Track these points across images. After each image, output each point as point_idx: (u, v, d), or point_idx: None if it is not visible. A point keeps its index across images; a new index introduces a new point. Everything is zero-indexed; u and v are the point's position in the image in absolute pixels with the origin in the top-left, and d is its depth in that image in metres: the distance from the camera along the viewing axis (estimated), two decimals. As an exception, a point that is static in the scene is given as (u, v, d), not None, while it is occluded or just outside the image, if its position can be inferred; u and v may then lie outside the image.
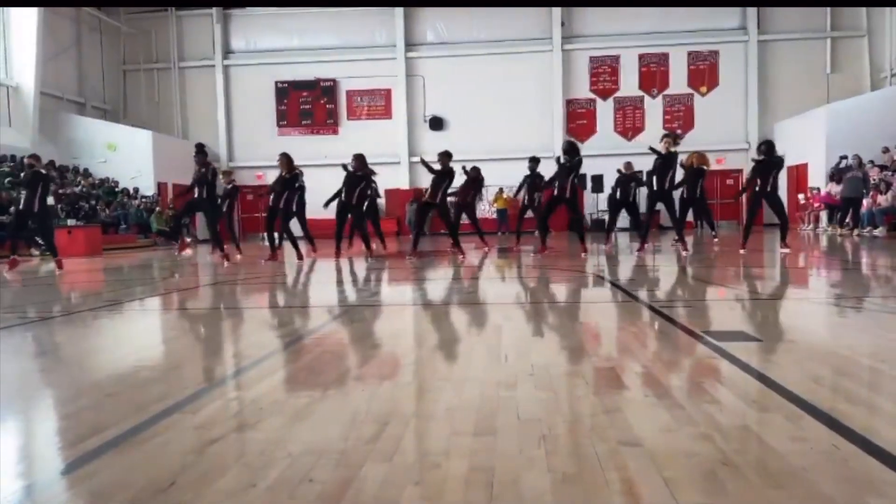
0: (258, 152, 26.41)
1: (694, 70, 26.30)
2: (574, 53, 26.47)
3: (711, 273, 8.16)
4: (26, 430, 2.51)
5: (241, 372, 3.33)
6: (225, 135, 27.58)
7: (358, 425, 2.27)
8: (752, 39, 25.82)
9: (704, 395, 2.53)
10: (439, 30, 26.82)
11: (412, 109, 26.80)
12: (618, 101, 26.53)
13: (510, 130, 25.80)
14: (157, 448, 2.11)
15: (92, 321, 5.27)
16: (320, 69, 27.09)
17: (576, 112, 26.58)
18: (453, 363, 3.36)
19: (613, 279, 7.73)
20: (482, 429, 2.19)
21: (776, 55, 25.83)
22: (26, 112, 22.78)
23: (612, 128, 26.52)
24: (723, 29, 26.12)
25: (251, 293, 7.39)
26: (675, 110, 26.33)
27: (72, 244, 15.80)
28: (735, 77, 26.03)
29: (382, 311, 5.57)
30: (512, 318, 4.81)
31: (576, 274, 8.24)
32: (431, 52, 26.75)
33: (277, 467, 1.90)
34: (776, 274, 8.08)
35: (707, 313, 4.87)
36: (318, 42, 27.20)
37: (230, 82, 27.57)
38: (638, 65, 26.43)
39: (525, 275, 8.56)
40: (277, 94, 27.37)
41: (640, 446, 1.98)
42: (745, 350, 3.32)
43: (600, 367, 3.06)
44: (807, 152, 23.06)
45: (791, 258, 9.83)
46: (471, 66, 26.38)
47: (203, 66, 27.58)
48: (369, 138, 26.10)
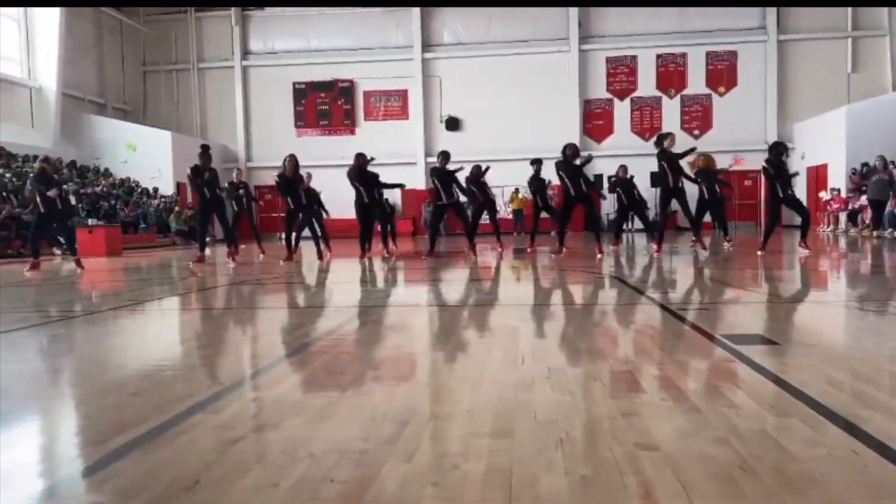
0: (276, 153, 26.32)
1: (712, 70, 26.13)
2: (591, 54, 26.40)
3: (728, 275, 8.07)
4: (50, 429, 2.52)
5: (262, 372, 3.35)
6: (243, 135, 27.78)
7: (377, 425, 2.28)
8: (771, 39, 25.61)
9: (722, 398, 2.51)
10: (456, 30, 26.84)
11: (429, 110, 26.86)
12: (635, 101, 26.43)
13: (526, 131, 25.74)
14: (182, 447, 2.11)
15: (113, 320, 5.30)
16: (338, 70, 27.23)
17: (593, 112, 26.50)
18: (470, 364, 3.34)
19: (629, 280, 7.68)
20: (500, 430, 2.19)
21: (796, 55, 25.60)
22: (48, 113, 23.11)
23: (630, 128, 26.44)
24: (742, 29, 25.92)
25: (270, 293, 7.39)
26: (692, 111, 26.17)
27: (92, 243, 15.89)
28: (754, 77, 25.83)
29: (399, 312, 5.57)
30: (528, 320, 4.80)
31: (592, 275, 8.21)
32: (448, 52, 26.80)
33: (299, 467, 1.91)
34: (794, 276, 7.98)
35: (724, 316, 4.81)
36: (335, 43, 27.33)
37: (248, 83, 27.76)
38: (655, 65, 26.31)
39: (541, 276, 8.53)
40: (295, 95, 27.52)
41: (658, 450, 1.97)
42: (762, 353, 3.29)
43: (617, 370, 3.04)
44: (827, 153, 22.93)
45: (811, 260, 9.72)
46: (487, 66, 26.38)
47: (222, 67, 27.81)
48: (386, 139, 26.16)
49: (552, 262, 10.30)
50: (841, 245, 13.86)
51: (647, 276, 8.27)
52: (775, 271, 8.35)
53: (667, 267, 9.32)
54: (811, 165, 24.10)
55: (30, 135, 22.60)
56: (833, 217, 20.71)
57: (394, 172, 25.25)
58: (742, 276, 7.95)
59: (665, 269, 8.96)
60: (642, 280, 7.78)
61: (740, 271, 8.46)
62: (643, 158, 24.38)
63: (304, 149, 26.38)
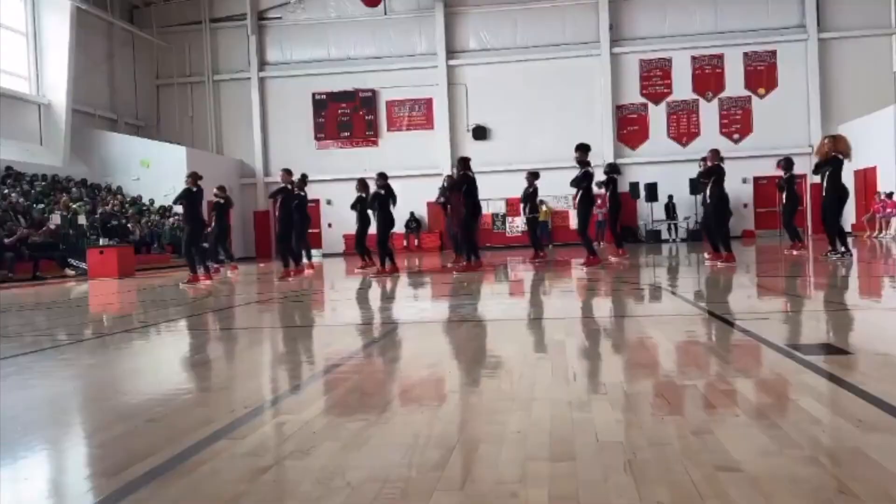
0: (296, 167, 25.38)
1: (751, 71, 25.07)
2: (623, 57, 25.40)
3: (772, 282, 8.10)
4: (60, 459, 2.37)
5: (289, 394, 3.20)
6: (261, 149, 26.98)
7: (420, 450, 2.13)
8: (811, 38, 24.60)
9: (801, 413, 2.34)
10: (482, 36, 25.93)
11: (454, 119, 25.88)
12: (671, 105, 25.36)
13: (557, 139, 24.45)
14: (203, 478, 1.96)
15: (126, 343, 5.22)
16: (359, 79, 26.37)
17: (626, 118, 25.43)
18: (517, 382, 3.12)
19: (675, 290, 7.64)
20: (559, 453, 2.04)
21: (838, 54, 24.61)
22: (58, 129, 22.50)
23: (666, 133, 25.33)
24: (780, 28, 24.93)
25: (292, 311, 7.29)
26: (732, 114, 25.08)
27: (104, 264, 15.50)
28: (795, 77, 24.80)
29: (434, 328, 5.36)
30: (573, 334, 4.59)
31: (634, 286, 8.16)
32: (474, 59, 25.91)
33: (337, 498, 1.76)
34: (851, 283, 7.86)
35: (784, 325, 4.66)
36: (356, 51, 26.54)
37: (266, 95, 26.96)
38: (691, 67, 25.29)
39: (578, 287, 8.48)
40: (315, 106, 26.64)
41: (740, 471, 1.81)
42: (836, 364, 3.13)
43: (679, 385, 2.88)
44: (875, 155, 21.98)
45: (864, 267, 9.64)
46: (515, 72, 25.45)
47: (238, 78, 27.06)
48: (410, 149, 25.44)
49: (588, 273, 10.27)
50: (894, 251, 13.61)
51: (690, 285, 8.39)
52: (828, 278, 8.28)
53: (711, 276, 9.24)
54: (859, 169, 23.09)
55: (38, 153, 21.93)
56: (885, 221, 20.09)
57: (419, 184, 24.69)
58: (790, 283, 7.92)
59: (710, 279, 8.92)
60: (689, 289, 7.78)
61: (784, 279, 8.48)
62: (681, 165, 23.54)
63: (325, 162, 25.66)
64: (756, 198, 24.99)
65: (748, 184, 24.64)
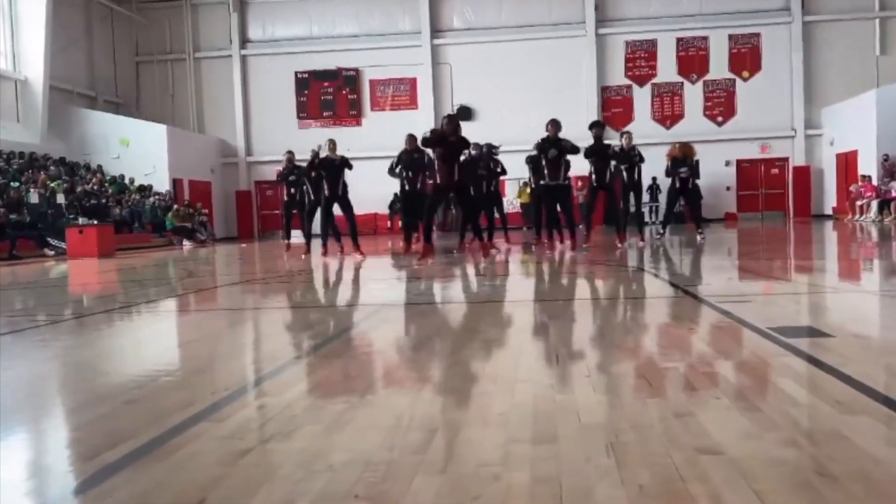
0: (278, 146, 25.38)
1: (735, 54, 25.07)
2: (608, 38, 25.26)
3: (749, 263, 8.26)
4: (37, 442, 2.33)
5: (270, 376, 3.11)
6: (243, 128, 26.63)
7: (403, 433, 2.12)
8: (796, 20, 24.57)
9: (782, 395, 2.36)
10: (467, 15, 25.68)
11: (439, 98, 25.62)
12: (655, 87, 25.28)
13: (542, 119, 24.34)
14: (183, 461, 1.93)
15: (106, 324, 5.11)
16: (342, 58, 26.02)
17: (611, 100, 25.38)
18: (500, 364, 3.15)
19: (658, 272, 7.65)
20: (542, 435, 2.03)
21: (822, 37, 24.62)
22: (35, 107, 22.07)
23: (650, 116, 25.29)
24: (765, 10, 24.88)
25: (281, 291, 7.21)
26: (715, 96, 25.12)
27: (83, 244, 15.27)
28: (779, 60, 24.81)
29: (419, 310, 5.32)
30: (557, 316, 4.55)
31: (618, 268, 8.16)
32: (458, 38, 25.62)
33: (318, 481, 1.74)
34: (830, 266, 7.98)
35: (766, 308, 4.57)
36: (339, 30, 26.15)
37: (248, 73, 26.55)
38: (676, 49, 25.22)
39: (564, 269, 8.40)
40: (297, 85, 26.29)
41: (722, 454, 1.81)
42: (817, 346, 3.11)
43: (661, 367, 2.90)
44: (857, 138, 22.36)
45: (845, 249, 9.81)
46: (500, 52, 25.19)
47: (219, 56, 26.55)
48: (394, 129, 24.82)
49: (579, 254, 10.20)
50: (873, 234, 13.75)
51: (671, 266, 8.45)
52: (807, 261, 8.40)
53: (692, 256, 9.53)
54: (840, 152, 23.51)
55: (15, 130, 21.51)
56: (864, 205, 20.27)
57: (403, 165, 24.44)
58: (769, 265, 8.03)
59: (687, 259, 9.16)
60: (670, 271, 7.84)
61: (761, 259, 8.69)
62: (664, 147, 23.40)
63: (308, 141, 25.28)
64: (739, 180, 25.16)
65: (731, 166, 24.79)
